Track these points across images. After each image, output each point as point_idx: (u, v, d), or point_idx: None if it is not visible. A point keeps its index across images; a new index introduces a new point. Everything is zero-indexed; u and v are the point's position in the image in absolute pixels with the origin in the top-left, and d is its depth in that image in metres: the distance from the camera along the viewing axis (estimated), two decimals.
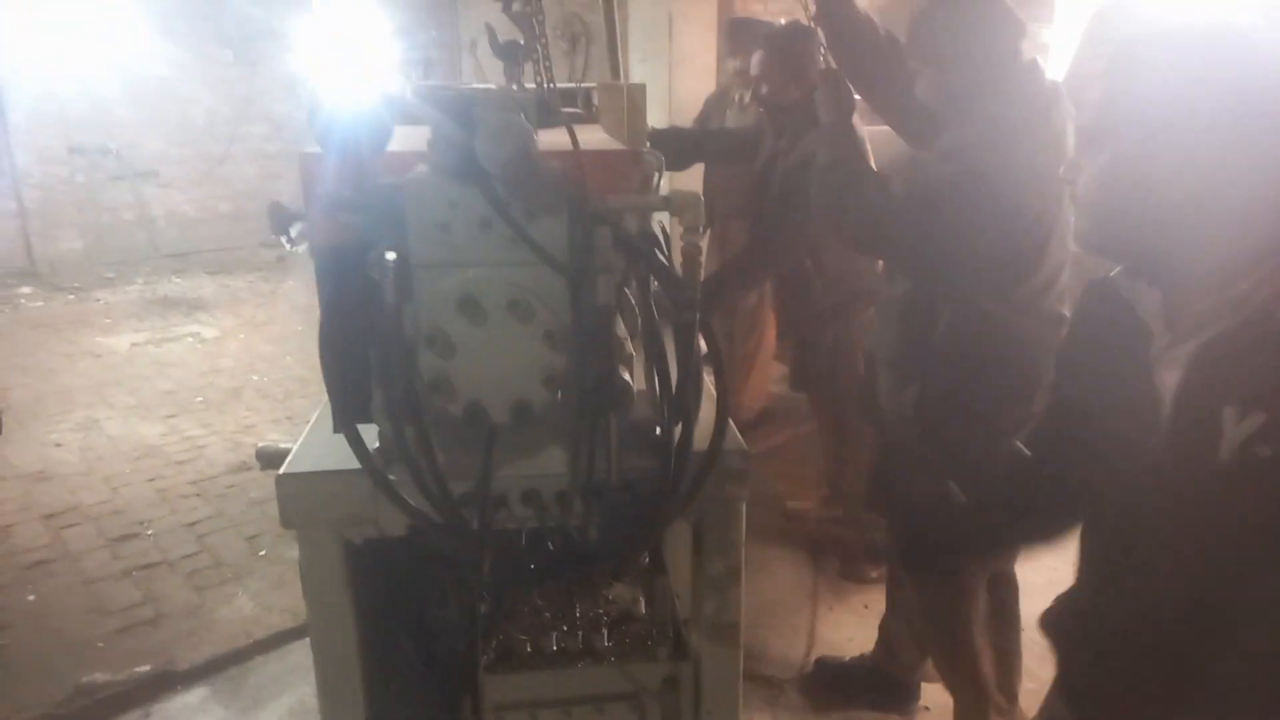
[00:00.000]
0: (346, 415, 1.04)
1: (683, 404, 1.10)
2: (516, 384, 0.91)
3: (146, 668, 2.66)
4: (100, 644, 2.78)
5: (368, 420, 1.05)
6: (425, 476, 1.00)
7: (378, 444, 1.11)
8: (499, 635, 1.57)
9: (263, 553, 3.30)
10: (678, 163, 3.51)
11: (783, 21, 3.75)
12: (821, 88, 2.26)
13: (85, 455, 4.12)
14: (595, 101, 2.35)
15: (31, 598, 3.03)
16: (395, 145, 1.07)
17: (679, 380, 1.09)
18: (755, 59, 3.19)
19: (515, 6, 2.45)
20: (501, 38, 2.07)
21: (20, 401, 4.70)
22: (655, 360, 1.08)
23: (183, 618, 2.93)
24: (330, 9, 6.87)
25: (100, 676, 2.62)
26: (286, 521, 1.27)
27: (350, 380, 1.02)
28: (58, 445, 4.21)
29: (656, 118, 4.61)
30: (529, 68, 2.10)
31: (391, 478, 1.06)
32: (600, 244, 0.94)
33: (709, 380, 1.28)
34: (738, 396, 4.20)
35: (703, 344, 1.13)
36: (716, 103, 4.40)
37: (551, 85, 2.08)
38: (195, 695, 2.59)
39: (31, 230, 7.06)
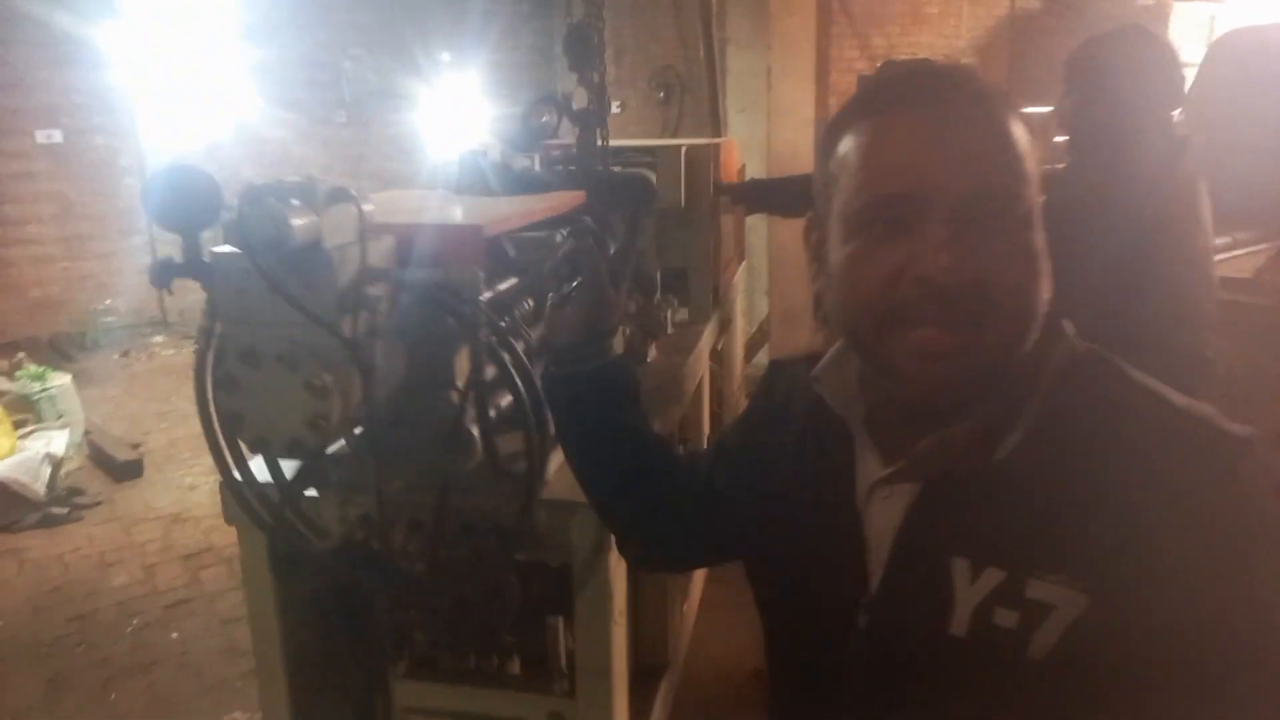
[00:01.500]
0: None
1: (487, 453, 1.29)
2: (288, 425, 1.13)
3: None
4: (238, 684, 3.04)
5: None
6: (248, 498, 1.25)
7: None
8: (421, 646, 1.77)
9: None
10: (758, 210, 3.73)
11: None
12: None
13: (215, 499, 4.60)
14: None
15: (174, 635, 3.36)
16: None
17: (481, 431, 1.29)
18: None
19: (593, 76, 2.81)
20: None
21: (158, 445, 5.27)
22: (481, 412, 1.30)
23: None
24: (433, 72, 7.58)
25: (240, 716, 2.88)
26: (227, 518, 1.64)
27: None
28: (192, 488, 4.69)
29: (755, 169, 4.83)
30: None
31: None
32: (375, 307, 1.16)
33: None
34: None
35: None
36: None
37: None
38: None
39: None
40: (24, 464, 4.27)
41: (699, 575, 2.97)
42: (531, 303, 1.54)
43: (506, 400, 1.42)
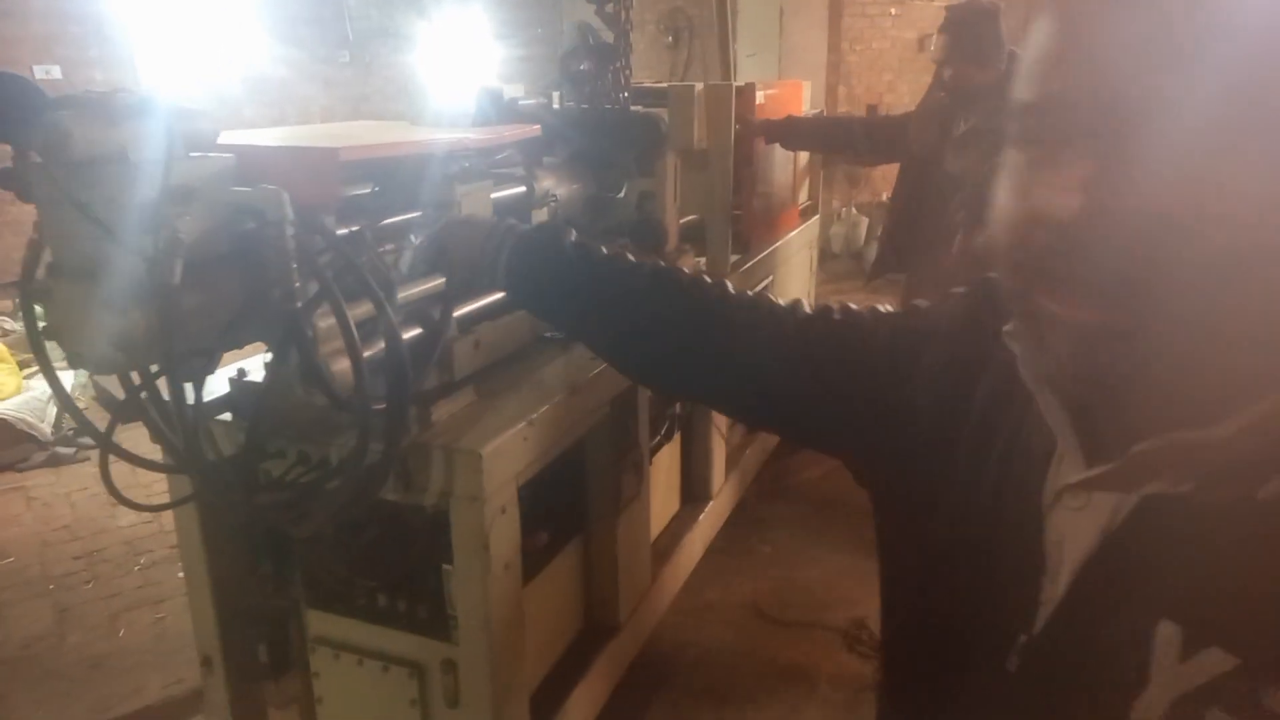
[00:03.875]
0: None
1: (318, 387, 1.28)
2: (96, 341, 1.14)
3: None
4: None
5: None
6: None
7: None
8: (335, 580, 1.80)
9: None
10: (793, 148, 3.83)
11: (893, 12, 3.75)
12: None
13: None
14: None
15: (181, 575, 3.48)
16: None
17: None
18: (937, 41, 3.25)
19: (609, 7, 2.81)
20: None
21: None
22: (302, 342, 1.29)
23: None
24: (440, 10, 7.50)
25: None
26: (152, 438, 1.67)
27: None
28: None
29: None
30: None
31: None
32: (178, 225, 1.15)
33: None
34: None
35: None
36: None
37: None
38: None
39: None
40: (30, 403, 4.39)
41: (690, 541, 2.91)
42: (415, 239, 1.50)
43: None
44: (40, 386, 4.58)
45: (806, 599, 3.02)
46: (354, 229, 1.37)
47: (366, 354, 1.45)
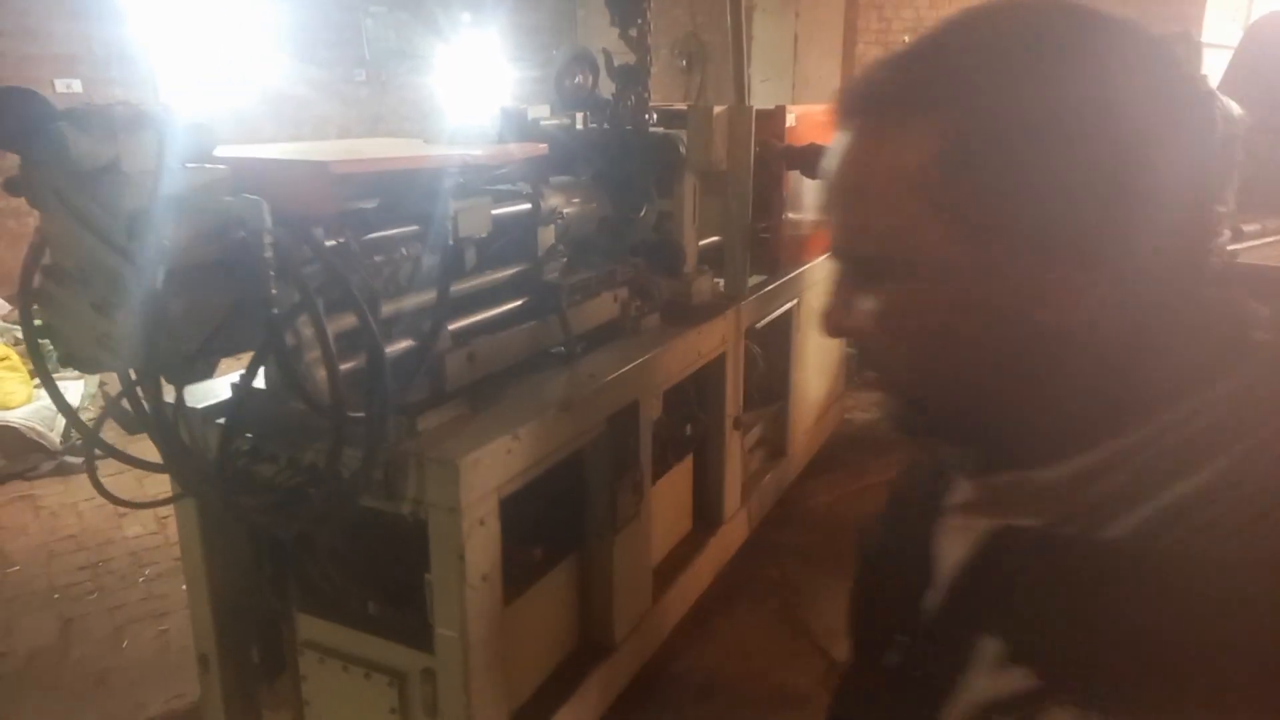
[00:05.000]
0: None
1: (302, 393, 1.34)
2: (85, 341, 1.22)
3: None
4: None
5: None
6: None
7: None
8: (326, 585, 1.87)
9: None
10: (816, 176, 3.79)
11: (906, 39, 3.80)
12: None
13: None
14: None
15: (186, 587, 3.55)
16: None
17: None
18: None
19: (632, 32, 2.92)
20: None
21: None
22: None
23: None
24: (453, 32, 7.68)
25: None
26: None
27: None
28: None
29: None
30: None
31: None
32: (166, 231, 1.22)
33: None
34: None
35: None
36: None
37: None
38: None
39: None
40: (40, 412, 4.48)
41: (699, 565, 2.94)
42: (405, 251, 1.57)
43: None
44: None
45: (815, 627, 3.02)
46: (340, 240, 1.44)
47: (354, 363, 1.52)
